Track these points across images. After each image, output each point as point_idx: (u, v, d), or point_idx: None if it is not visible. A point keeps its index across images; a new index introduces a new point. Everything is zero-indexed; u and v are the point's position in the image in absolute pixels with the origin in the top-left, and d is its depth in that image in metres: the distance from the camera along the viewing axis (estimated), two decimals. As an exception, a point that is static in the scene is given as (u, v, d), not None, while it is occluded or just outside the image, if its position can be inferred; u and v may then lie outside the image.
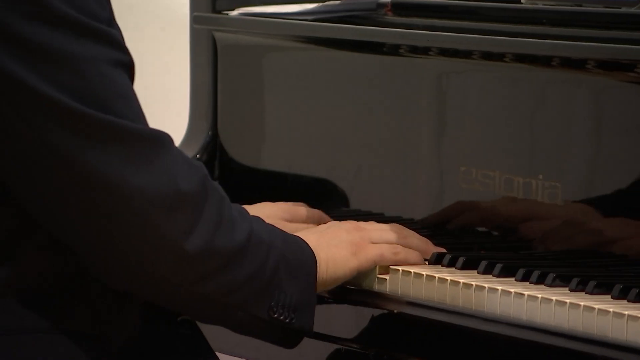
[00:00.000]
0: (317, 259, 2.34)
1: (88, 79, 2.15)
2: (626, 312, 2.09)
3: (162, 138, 2.19)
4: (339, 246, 2.40)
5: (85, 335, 2.22)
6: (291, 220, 2.66)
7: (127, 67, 2.18)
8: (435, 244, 2.47)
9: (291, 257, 2.32)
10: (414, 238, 2.45)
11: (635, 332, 2.08)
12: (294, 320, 2.29)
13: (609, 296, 2.17)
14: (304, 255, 2.34)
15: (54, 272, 2.22)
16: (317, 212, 2.67)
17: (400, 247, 2.43)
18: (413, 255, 2.41)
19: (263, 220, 2.32)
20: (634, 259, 2.31)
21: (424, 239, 2.46)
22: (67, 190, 2.16)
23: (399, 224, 2.47)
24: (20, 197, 2.18)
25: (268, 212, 2.62)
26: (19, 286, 2.19)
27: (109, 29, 2.17)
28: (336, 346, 2.49)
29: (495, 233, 2.49)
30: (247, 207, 2.45)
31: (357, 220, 2.49)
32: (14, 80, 2.12)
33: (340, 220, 2.50)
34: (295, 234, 2.39)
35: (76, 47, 2.14)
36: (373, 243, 2.42)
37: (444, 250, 2.43)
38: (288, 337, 2.32)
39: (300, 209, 2.68)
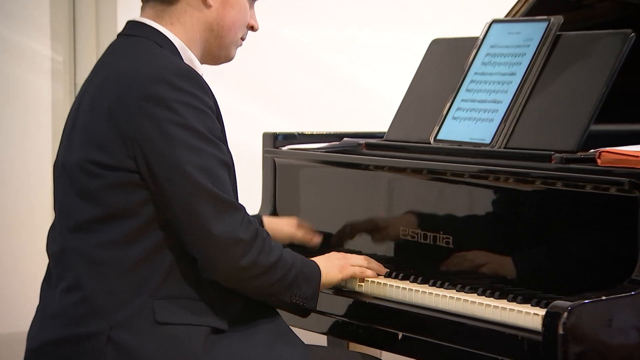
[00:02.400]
0: (321, 272, 2.26)
1: (213, 167, 2.07)
2: (484, 302, 2.15)
3: (239, 207, 2.11)
4: (333, 267, 2.33)
5: (215, 301, 2.15)
6: (297, 227, 2.58)
7: (227, 165, 2.11)
8: (386, 266, 2.43)
9: (306, 271, 2.23)
10: (374, 264, 2.39)
11: (491, 313, 2.13)
12: (305, 304, 2.22)
13: (476, 294, 2.20)
14: (314, 270, 2.26)
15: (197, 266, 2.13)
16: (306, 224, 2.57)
17: (365, 268, 2.38)
18: (370, 273, 2.38)
19: (292, 252, 2.22)
20: (489, 274, 2.29)
21: (379, 264, 2.40)
22: (189, 229, 2.07)
23: (369, 256, 2.43)
24: (176, 230, 2.09)
25: (287, 221, 2.58)
26: (178, 271, 2.11)
27: (220, 143, 2.10)
28: (333, 318, 2.45)
29: (420, 260, 2.44)
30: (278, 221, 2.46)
31: (347, 252, 2.48)
32: (184, 171, 2.05)
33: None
34: (312, 258, 2.29)
35: (208, 150, 2.07)
36: (352, 265, 2.37)
37: (388, 270, 2.39)
38: (302, 311, 2.24)
39: (301, 221, 2.58)
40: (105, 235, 2.08)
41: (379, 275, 2.41)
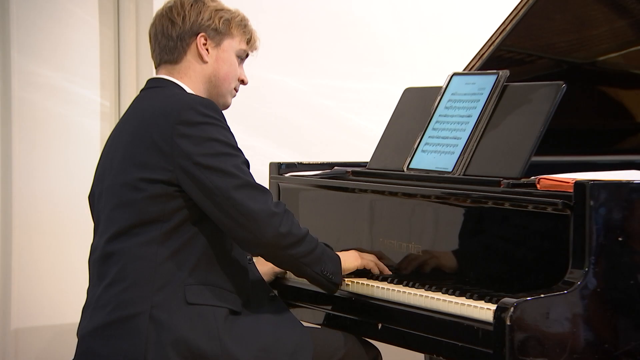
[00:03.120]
0: (340, 259, 2.29)
1: (240, 165, 2.12)
2: (447, 299, 2.15)
3: (267, 190, 2.15)
4: (350, 255, 2.36)
5: (229, 290, 2.17)
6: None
7: (249, 165, 2.16)
8: (365, 270, 2.41)
9: (328, 252, 2.25)
10: (380, 264, 2.40)
11: (452, 308, 2.14)
12: (333, 278, 2.25)
13: (440, 292, 2.21)
14: (334, 254, 2.28)
15: (220, 262, 2.15)
16: None
17: (375, 264, 2.39)
18: (377, 270, 2.38)
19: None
20: (451, 276, 2.29)
21: (384, 266, 2.40)
22: (233, 213, 2.10)
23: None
24: (213, 218, 2.11)
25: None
26: (204, 263, 2.12)
27: (241, 150, 2.15)
28: (326, 312, 2.44)
29: (395, 265, 2.42)
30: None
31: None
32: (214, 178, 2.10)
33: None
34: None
35: (234, 153, 2.13)
36: (364, 259, 2.38)
37: (389, 273, 2.37)
38: (331, 285, 2.25)
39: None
40: (144, 236, 2.10)
41: (382, 273, 2.39)
